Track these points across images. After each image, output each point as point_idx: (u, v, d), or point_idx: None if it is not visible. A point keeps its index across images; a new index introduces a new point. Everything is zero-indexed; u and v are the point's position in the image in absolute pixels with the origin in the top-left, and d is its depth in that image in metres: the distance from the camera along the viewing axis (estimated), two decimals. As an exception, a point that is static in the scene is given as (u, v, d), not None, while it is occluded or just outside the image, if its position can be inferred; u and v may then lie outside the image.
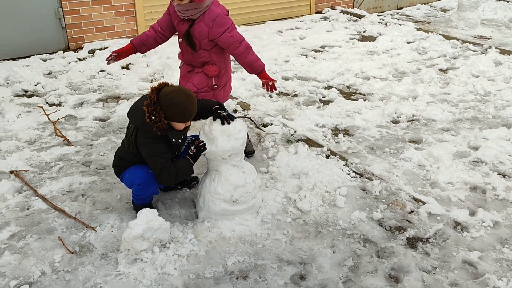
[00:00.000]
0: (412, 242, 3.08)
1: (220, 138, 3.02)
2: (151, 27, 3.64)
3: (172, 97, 2.82)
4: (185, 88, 2.96)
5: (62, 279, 2.75)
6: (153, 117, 2.82)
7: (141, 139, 2.95)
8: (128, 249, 2.91)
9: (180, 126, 2.95)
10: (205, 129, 3.10)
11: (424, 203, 3.43)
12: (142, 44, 3.61)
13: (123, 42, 6.42)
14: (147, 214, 2.86)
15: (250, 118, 4.67)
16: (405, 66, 6.23)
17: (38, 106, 4.84)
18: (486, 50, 6.81)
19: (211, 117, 3.10)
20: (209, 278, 2.77)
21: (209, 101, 3.23)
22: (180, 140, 3.01)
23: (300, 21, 8.41)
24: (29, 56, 6.31)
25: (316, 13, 8.90)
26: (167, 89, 2.87)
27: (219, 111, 3.08)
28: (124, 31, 7.00)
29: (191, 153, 3.00)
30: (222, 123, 3.03)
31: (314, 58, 6.55)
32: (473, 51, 6.81)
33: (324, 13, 8.89)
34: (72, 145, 4.19)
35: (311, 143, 4.25)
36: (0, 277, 2.76)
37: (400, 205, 3.43)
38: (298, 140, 4.30)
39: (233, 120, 3.08)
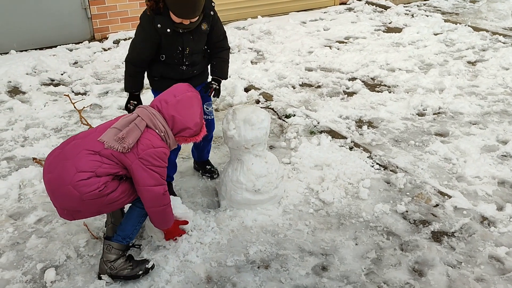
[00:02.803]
0: (437, 236, 3.02)
1: (243, 127, 3.02)
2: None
3: None
4: None
5: (87, 263, 2.80)
6: None
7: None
8: (151, 236, 2.94)
9: (174, 18, 2.79)
10: (228, 118, 3.10)
11: (450, 197, 3.36)
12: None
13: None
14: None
15: (272, 109, 4.65)
16: (431, 58, 6.09)
17: (64, 95, 4.92)
18: (516, 42, 6.59)
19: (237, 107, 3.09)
20: (231, 267, 2.77)
21: (222, 68, 3.21)
22: (169, 31, 2.82)
23: (325, 12, 8.31)
24: (55, 46, 6.42)
25: (340, 4, 8.77)
26: None
27: (212, 82, 3.14)
28: (148, 22, 7.03)
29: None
30: (205, 92, 3.10)
31: (338, 49, 6.47)
32: (503, 43, 6.61)
33: (349, 4, 8.76)
34: (97, 133, 4.25)
35: (334, 134, 4.20)
36: (28, 260, 2.83)
37: (425, 198, 3.37)
38: (321, 132, 4.26)
39: (217, 97, 3.16)
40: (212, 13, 3.01)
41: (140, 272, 2.67)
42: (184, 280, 2.68)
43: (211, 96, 3.17)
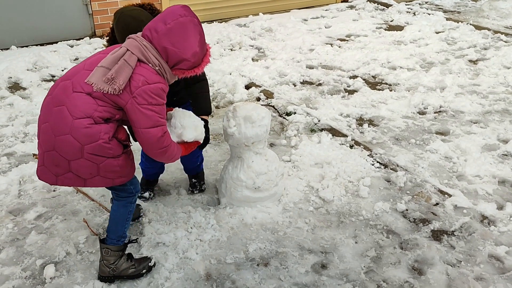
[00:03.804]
0: (436, 235, 3.02)
1: (243, 125, 3.01)
2: None
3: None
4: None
5: (86, 260, 2.80)
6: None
7: None
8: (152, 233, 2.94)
9: None
10: (229, 115, 3.09)
11: (450, 195, 3.36)
12: None
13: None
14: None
15: (273, 107, 4.64)
16: (433, 56, 6.08)
17: (65, 91, 4.91)
18: (518, 41, 6.57)
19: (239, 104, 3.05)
20: (230, 264, 2.77)
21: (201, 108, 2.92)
22: None
23: (326, 10, 8.29)
24: (56, 42, 6.42)
25: (342, 1, 8.75)
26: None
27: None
28: (150, 18, 7.03)
29: None
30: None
31: (339, 47, 6.46)
32: (505, 42, 6.59)
33: (351, 1, 8.74)
34: (97, 130, 4.24)
35: (335, 132, 4.20)
36: (27, 256, 2.83)
37: (425, 197, 3.36)
38: (321, 129, 4.25)
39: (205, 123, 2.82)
40: None
41: (144, 270, 2.66)
42: (184, 277, 2.68)
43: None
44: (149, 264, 2.69)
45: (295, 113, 4.52)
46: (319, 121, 4.37)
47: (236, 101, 4.78)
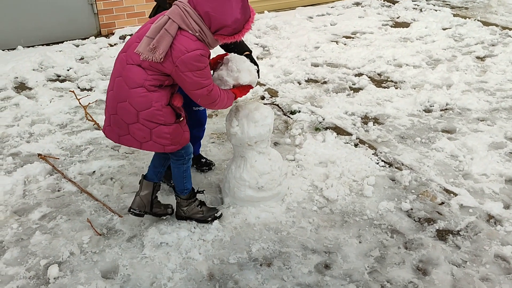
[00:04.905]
0: (442, 235, 2.99)
1: (246, 124, 3.00)
2: None
3: None
4: None
5: (90, 260, 2.81)
6: None
7: None
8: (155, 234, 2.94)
9: None
10: (232, 114, 3.08)
11: (456, 194, 3.32)
12: None
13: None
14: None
15: (277, 105, 4.62)
16: (440, 53, 6.01)
17: (69, 91, 4.93)
18: (527, 37, 6.48)
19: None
20: (233, 264, 2.77)
21: (245, 45, 3.04)
22: None
23: (332, 7, 8.24)
24: (62, 42, 6.45)
25: (348, -2, 8.69)
26: None
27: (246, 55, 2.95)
28: (155, 17, 7.03)
29: None
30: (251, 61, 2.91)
31: (345, 44, 6.41)
32: (513, 38, 6.51)
33: (357, -2, 8.68)
34: (102, 129, 4.26)
35: (339, 131, 4.17)
36: (32, 256, 2.84)
37: (430, 196, 3.33)
38: (326, 128, 4.23)
39: (257, 69, 2.95)
40: None
41: (209, 218, 3.02)
42: (186, 277, 2.67)
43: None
44: (215, 214, 3.05)
45: (299, 111, 4.50)
46: (323, 119, 4.35)
47: (240, 100, 4.76)
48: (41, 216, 3.19)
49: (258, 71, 2.94)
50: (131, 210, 2.94)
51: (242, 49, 3.00)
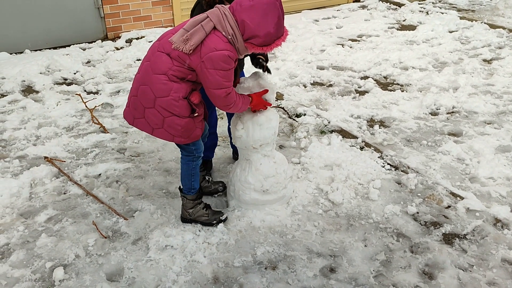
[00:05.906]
0: (448, 238, 2.96)
1: (251, 127, 3.00)
2: None
3: None
4: None
5: (95, 263, 2.82)
6: None
7: None
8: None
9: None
10: (236, 117, 3.08)
11: (462, 198, 3.30)
12: None
13: (159, 32, 6.50)
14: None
15: (283, 108, 4.62)
16: (446, 56, 5.99)
17: (76, 94, 4.96)
18: (534, 39, 6.44)
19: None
20: (238, 267, 2.76)
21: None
22: None
23: (337, 10, 8.23)
24: (69, 45, 6.48)
25: (354, 1, 8.68)
26: None
27: (261, 60, 3.06)
28: (161, 21, 7.07)
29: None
30: (263, 70, 3.03)
31: (350, 47, 6.40)
32: (521, 40, 6.47)
33: (363, 1, 8.66)
34: (108, 132, 4.28)
35: (345, 134, 4.16)
36: (37, 258, 2.86)
37: (436, 199, 3.31)
38: (331, 131, 4.22)
39: (270, 73, 3.09)
40: None
41: (215, 222, 3.05)
42: (191, 281, 2.67)
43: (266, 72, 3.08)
44: (221, 217, 3.07)
45: (305, 114, 4.49)
46: (329, 122, 4.34)
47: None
48: (47, 218, 3.20)
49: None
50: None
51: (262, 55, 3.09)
